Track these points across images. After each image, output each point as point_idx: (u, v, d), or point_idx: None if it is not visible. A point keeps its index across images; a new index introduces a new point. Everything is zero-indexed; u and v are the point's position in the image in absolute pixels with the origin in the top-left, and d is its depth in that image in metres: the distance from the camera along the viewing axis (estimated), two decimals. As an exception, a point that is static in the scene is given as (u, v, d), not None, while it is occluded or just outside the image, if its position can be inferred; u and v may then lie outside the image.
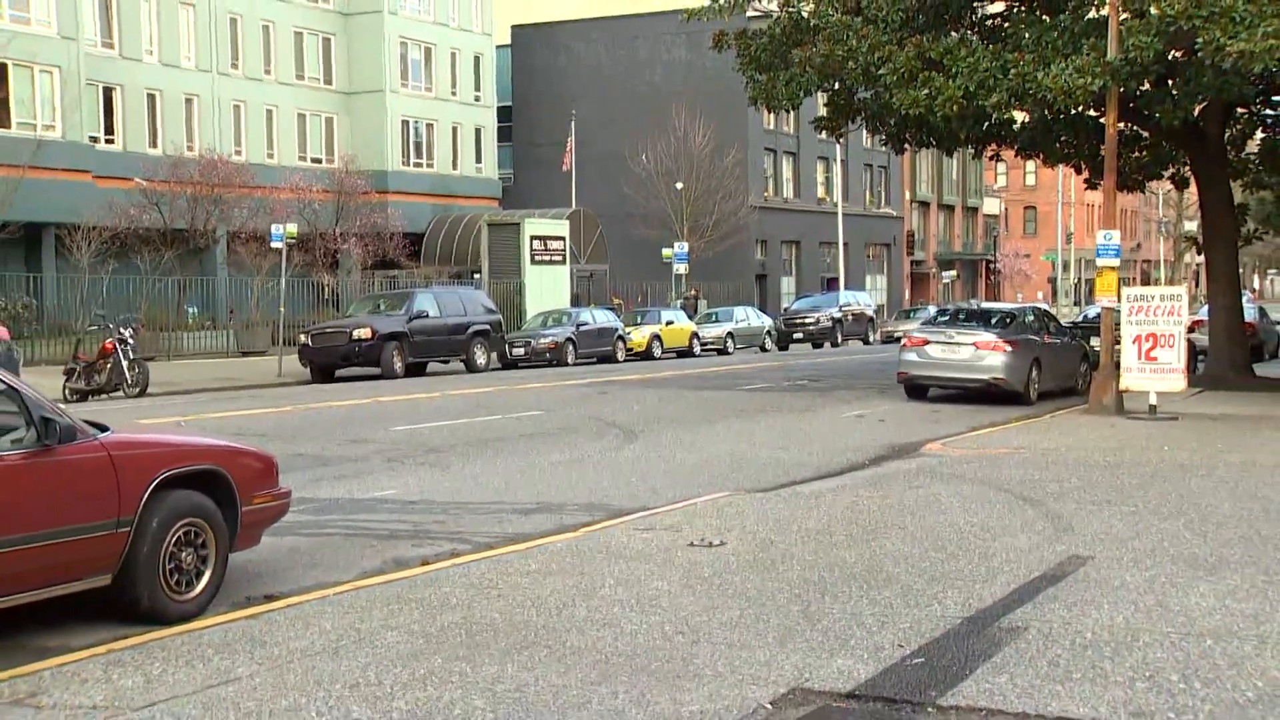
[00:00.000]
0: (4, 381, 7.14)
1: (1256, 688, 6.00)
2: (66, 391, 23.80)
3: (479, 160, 60.68)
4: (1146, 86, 22.41)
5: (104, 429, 7.55)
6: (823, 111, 27.68)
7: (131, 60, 46.86)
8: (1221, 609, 7.47)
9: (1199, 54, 19.19)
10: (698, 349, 43.40)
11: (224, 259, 45.41)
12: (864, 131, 31.90)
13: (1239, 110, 26.34)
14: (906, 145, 28.39)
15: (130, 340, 25.16)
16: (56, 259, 40.87)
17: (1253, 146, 28.65)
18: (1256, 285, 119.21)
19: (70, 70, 42.71)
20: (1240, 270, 30.19)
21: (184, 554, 7.62)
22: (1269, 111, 26.91)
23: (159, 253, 39.93)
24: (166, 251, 40.23)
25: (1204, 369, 26.33)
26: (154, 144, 47.22)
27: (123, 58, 46.59)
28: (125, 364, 24.37)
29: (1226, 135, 26.59)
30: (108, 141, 46.11)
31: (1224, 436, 16.84)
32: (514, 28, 66.61)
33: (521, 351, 35.76)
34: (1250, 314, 32.74)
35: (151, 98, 47.83)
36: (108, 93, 46.35)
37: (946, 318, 25.46)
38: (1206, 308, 28.43)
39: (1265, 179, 28.28)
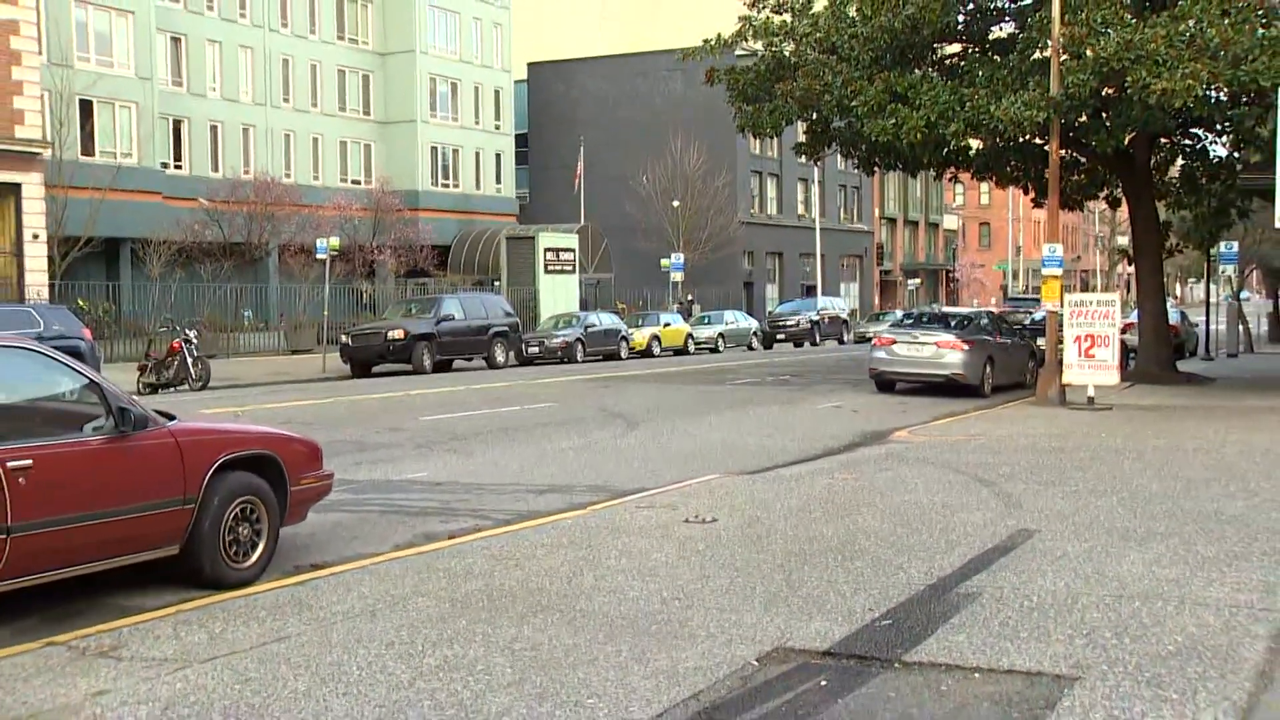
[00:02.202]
0: (87, 376, 7.16)
1: (1176, 642, 6.02)
2: (140, 385, 23.83)
3: (499, 181, 60.65)
4: (1084, 118, 22.40)
5: (172, 418, 7.55)
6: (802, 138, 27.62)
7: (197, 96, 46.93)
8: (1149, 575, 7.47)
9: (1128, 91, 19.21)
10: (692, 348, 43.29)
11: (275, 268, 45.49)
12: (839, 156, 31.84)
13: (1162, 140, 26.34)
14: (876, 168, 28.36)
15: (194, 340, 25.21)
16: (132, 269, 41.05)
17: (1174, 172, 28.64)
18: (1179, 292, 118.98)
19: (145, 106, 42.89)
20: (1165, 279, 30.16)
21: (241, 528, 7.63)
22: (1187, 142, 26.95)
23: (219, 263, 40.08)
24: (226, 262, 40.39)
25: (1135, 366, 26.30)
26: (215, 168, 47.31)
27: (189, 94, 46.68)
28: (190, 361, 24.41)
29: (1152, 161, 26.57)
30: (176, 167, 46.16)
31: (1152, 424, 16.84)
32: (530, 65, 66.54)
33: (536, 350, 35.71)
34: (1174, 317, 32.76)
35: (214, 128, 47.88)
36: (176, 124, 46.41)
37: (911, 320, 25.42)
38: (1136, 312, 28.41)
39: (1185, 200, 28.25)
